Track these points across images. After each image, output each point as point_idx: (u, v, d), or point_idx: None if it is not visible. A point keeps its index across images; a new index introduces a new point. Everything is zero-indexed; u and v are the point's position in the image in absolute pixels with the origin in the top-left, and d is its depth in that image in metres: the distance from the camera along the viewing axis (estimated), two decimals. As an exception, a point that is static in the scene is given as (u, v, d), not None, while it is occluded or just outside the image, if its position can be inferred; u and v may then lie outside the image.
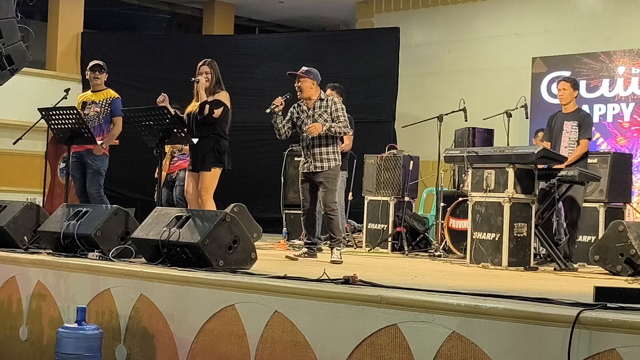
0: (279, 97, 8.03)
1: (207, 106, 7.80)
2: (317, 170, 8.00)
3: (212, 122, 7.85)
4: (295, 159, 11.11)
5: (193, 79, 7.96)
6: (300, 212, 8.49)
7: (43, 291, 6.34)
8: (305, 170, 8.09)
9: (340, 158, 8.15)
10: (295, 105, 8.23)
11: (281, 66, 15.11)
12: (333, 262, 7.71)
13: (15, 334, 6.46)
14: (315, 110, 8.05)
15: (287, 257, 7.99)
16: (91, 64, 9.30)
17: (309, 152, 8.05)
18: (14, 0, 9.38)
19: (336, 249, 7.88)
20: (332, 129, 7.95)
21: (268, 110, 7.99)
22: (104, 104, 9.01)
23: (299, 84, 8.08)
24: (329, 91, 9.55)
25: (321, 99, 8.09)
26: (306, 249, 8.17)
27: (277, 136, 8.22)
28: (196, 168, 7.96)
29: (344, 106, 8.15)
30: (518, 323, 4.10)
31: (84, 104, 9.05)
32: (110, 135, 8.93)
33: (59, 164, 10.19)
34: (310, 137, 8.01)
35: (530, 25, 14.06)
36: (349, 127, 8.16)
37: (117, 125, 9.02)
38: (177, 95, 9.83)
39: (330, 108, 8.04)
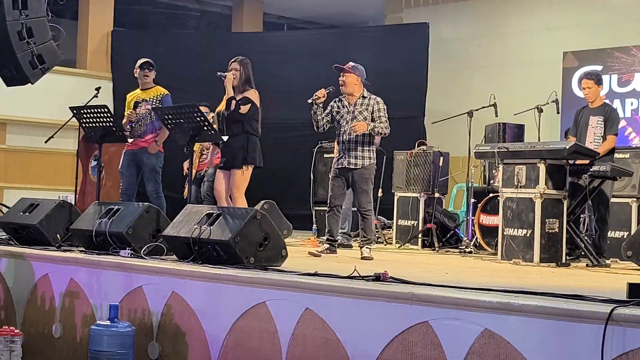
0: (322, 89, 8.02)
1: (234, 102, 7.81)
2: (352, 167, 7.98)
3: (240, 119, 7.86)
4: (325, 155, 11.11)
5: (219, 73, 7.98)
6: (324, 208, 8.47)
7: (76, 289, 6.39)
8: (339, 166, 8.07)
9: (375, 156, 8.13)
10: (337, 99, 8.21)
11: (310, 63, 15.16)
12: (364, 258, 7.73)
13: (49, 331, 6.52)
14: (356, 107, 8.04)
15: (310, 253, 7.98)
16: (140, 61, 9.33)
17: (344, 148, 8.03)
18: (45, -1, 9.46)
19: (367, 247, 7.88)
20: (375, 129, 7.93)
21: (310, 101, 7.99)
22: (154, 101, 9.03)
23: (344, 78, 8.07)
24: None
25: (364, 97, 8.09)
26: (328, 245, 8.15)
27: (315, 128, 8.20)
28: (227, 166, 7.98)
29: (386, 106, 8.11)
30: (551, 320, 4.07)
31: (136, 104, 9.07)
32: (163, 132, 8.85)
33: (91, 162, 10.24)
34: (347, 132, 7.99)
35: (561, 19, 13.94)
36: (389, 129, 8.12)
37: None
38: (206, 93, 9.90)
39: (373, 107, 8.02)
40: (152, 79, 9.25)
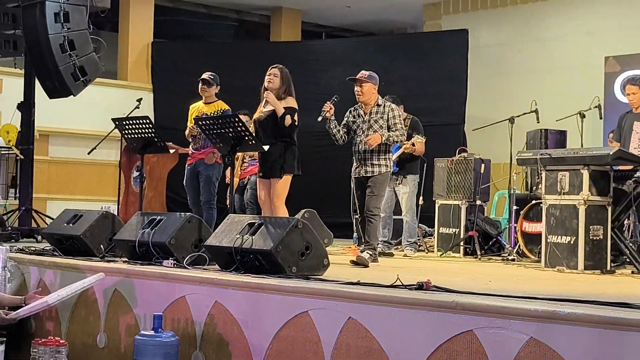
0: (327, 103, 8.02)
1: (288, 116, 7.85)
2: (368, 174, 7.97)
3: (290, 130, 7.91)
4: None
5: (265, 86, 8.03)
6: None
7: (120, 299, 6.43)
8: (357, 176, 8.07)
9: (390, 164, 8.11)
10: (352, 109, 8.21)
11: (348, 71, 15.00)
12: (358, 258, 7.66)
13: (93, 341, 6.57)
14: (372, 116, 8.02)
15: (351, 262, 7.95)
16: (202, 76, 9.36)
17: (360, 157, 8.04)
18: (86, 11, 9.57)
19: (367, 252, 7.82)
20: (390, 138, 7.93)
21: (319, 119, 7.99)
22: (214, 114, 9.09)
23: (361, 87, 8.06)
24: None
25: (378, 105, 8.07)
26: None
27: (335, 142, 8.21)
28: (267, 175, 8.01)
29: (400, 113, 8.08)
30: (597, 328, 4.02)
31: (197, 118, 9.15)
32: None
33: (133, 172, 10.31)
34: (363, 141, 7.98)
35: (602, 24, 13.81)
36: (405, 135, 8.09)
37: None
38: (246, 102, 9.93)
39: (387, 114, 8.00)
40: (212, 93, 9.33)
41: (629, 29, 13.42)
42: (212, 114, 9.02)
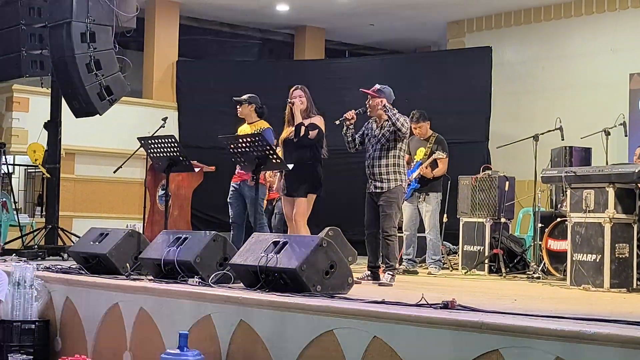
0: (352, 111, 8.02)
1: (303, 128, 7.87)
2: (378, 190, 7.94)
3: (308, 144, 7.91)
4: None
5: (289, 100, 8.05)
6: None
7: (145, 317, 6.45)
8: (368, 191, 8.05)
9: (402, 179, 8.06)
10: (369, 121, 8.23)
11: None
12: (381, 284, 7.63)
13: (119, 360, 6.60)
14: (382, 130, 8.02)
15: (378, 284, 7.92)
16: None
17: (369, 172, 8.02)
18: (112, 31, 9.67)
19: (388, 273, 7.79)
20: (396, 115, 7.80)
21: (337, 122, 8.00)
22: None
23: (370, 101, 8.07)
24: (421, 123, 9.62)
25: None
26: (370, 272, 8.10)
27: (348, 149, 8.19)
28: (291, 193, 8.03)
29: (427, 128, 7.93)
30: (624, 348, 4.00)
31: None
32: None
33: (158, 190, 10.37)
34: (371, 156, 7.97)
35: (626, 40, 13.77)
36: (408, 126, 8.01)
37: None
38: (270, 121, 9.94)
39: (392, 126, 7.94)
40: (249, 113, 9.27)
41: (653, 46, 13.38)
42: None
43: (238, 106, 9.32)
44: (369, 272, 8.09)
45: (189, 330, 5.89)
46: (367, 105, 8.08)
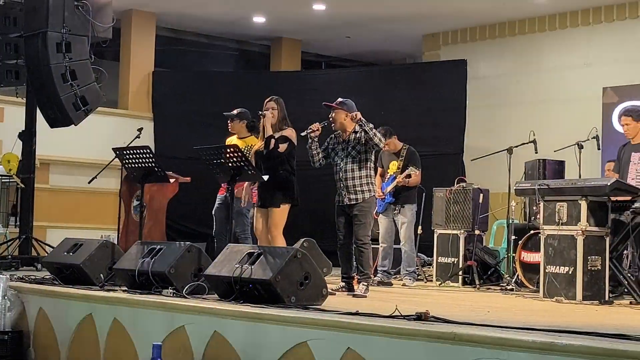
0: (317, 123, 8.04)
1: (273, 140, 7.89)
2: (352, 202, 7.97)
3: (277, 156, 7.92)
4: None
5: (260, 112, 8.07)
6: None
7: (119, 328, 6.43)
8: (340, 204, 8.07)
9: (374, 189, 8.10)
10: (333, 135, 8.24)
11: (349, 101, 15.22)
12: (355, 295, 7.65)
13: (92, 371, 6.57)
14: (350, 143, 8.04)
15: (353, 296, 7.94)
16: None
17: (342, 184, 8.03)
18: (88, 41, 9.65)
19: (363, 284, 7.82)
20: (372, 130, 7.83)
21: (303, 134, 8.01)
22: (246, 150, 9.10)
23: (333, 114, 8.09)
24: (388, 140, 9.60)
25: (355, 132, 8.08)
26: (344, 283, 8.13)
27: (312, 163, 8.19)
28: (265, 204, 8.04)
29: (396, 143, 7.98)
30: (595, 360, 4.04)
31: None
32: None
33: (133, 201, 10.33)
34: (342, 169, 7.99)
35: (600, 55, 13.90)
36: (382, 142, 8.06)
37: None
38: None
39: (363, 139, 7.97)
40: (240, 128, 9.29)
41: (626, 60, 13.50)
42: (244, 149, 9.04)
43: (229, 122, 9.33)
44: (344, 284, 8.11)
45: (162, 341, 5.88)
46: (331, 118, 8.10)
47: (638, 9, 13.50)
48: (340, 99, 8.14)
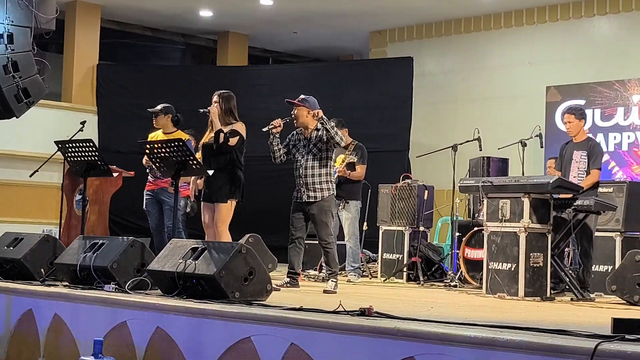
0: (279, 119, 8.04)
1: (222, 135, 7.84)
2: (311, 200, 7.98)
3: (227, 151, 7.88)
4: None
5: (202, 110, 8.01)
6: (315, 241, 8.46)
7: (60, 324, 6.35)
8: (298, 200, 8.07)
9: (334, 187, 8.13)
10: (295, 132, 8.24)
11: (295, 96, 15.17)
12: (326, 291, 7.71)
13: (32, 367, 6.47)
14: (312, 141, 8.05)
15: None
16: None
17: (301, 181, 8.04)
18: (30, 33, 9.49)
19: (332, 280, 7.87)
20: (334, 128, 7.87)
21: (265, 129, 7.99)
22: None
23: (295, 111, 8.09)
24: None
25: (317, 129, 8.08)
26: (288, 279, 8.13)
27: (272, 159, 8.18)
28: (211, 199, 7.99)
29: (345, 137, 8.08)
30: (536, 355, 4.08)
31: None
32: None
33: (75, 195, 10.21)
34: (303, 166, 8.00)
35: (544, 54, 14.07)
36: (343, 141, 8.11)
37: None
38: (192, 126, 9.90)
39: (325, 137, 7.99)
40: (165, 123, 9.25)
41: (569, 60, 13.70)
42: None
43: (154, 117, 9.25)
44: (288, 279, 8.10)
45: (104, 337, 5.82)
46: (293, 115, 8.09)
47: (581, 9, 13.70)
48: (302, 96, 8.15)
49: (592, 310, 6.96)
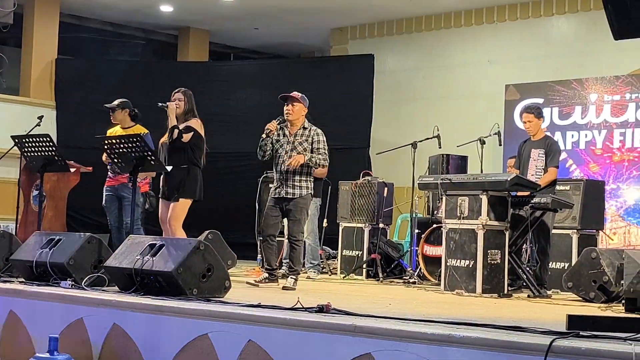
0: (274, 122, 8.01)
1: (176, 130, 7.79)
2: (289, 196, 7.97)
3: (181, 147, 7.83)
4: (270, 185, 11.07)
5: (161, 104, 7.95)
6: (281, 238, 8.45)
7: (15, 320, 6.29)
8: (276, 195, 8.06)
9: (312, 186, 8.13)
10: (280, 126, 8.21)
11: (256, 92, 15.20)
12: (285, 288, 7.70)
13: (-13, 364, 6.40)
14: (296, 138, 8.03)
15: (248, 282, 7.98)
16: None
17: (282, 177, 8.02)
18: (-13, 27, 9.39)
19: (291, 277, 7.87)
20: (313, 159, 7.93)
21: (264, 136, 7.96)
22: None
23: (291, 106, 8.06)
24: None
25: (304, 128, 8.08)
26: (267, 275, 8.12)
27: (260, 157, 8.15)
28: (168, 197, 7.94)
29: (325, 138, 8.12)
30: (491, 352, 4.11)
31: None
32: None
33: (32, 191, 10.11)
34: (285, 162, 7.99)
35: (503, 53, 14.17)
36: (328, 160, 8.16)
37: None
38: (152, 122, 9.83)
39: (312, 138, 8.01)
40: (123, 118, 9.11)
41: (528, 59, 13.80)
42: None
43: (111, 112, 9.16)
44: (267, 275, 8.08)
45: (59, 333, 5.77)
46: (287, 109, 8.04)
47: (541, 8, 13.81)
48: (299, 93, 8.12)
49: (548, 307, 7.03)
